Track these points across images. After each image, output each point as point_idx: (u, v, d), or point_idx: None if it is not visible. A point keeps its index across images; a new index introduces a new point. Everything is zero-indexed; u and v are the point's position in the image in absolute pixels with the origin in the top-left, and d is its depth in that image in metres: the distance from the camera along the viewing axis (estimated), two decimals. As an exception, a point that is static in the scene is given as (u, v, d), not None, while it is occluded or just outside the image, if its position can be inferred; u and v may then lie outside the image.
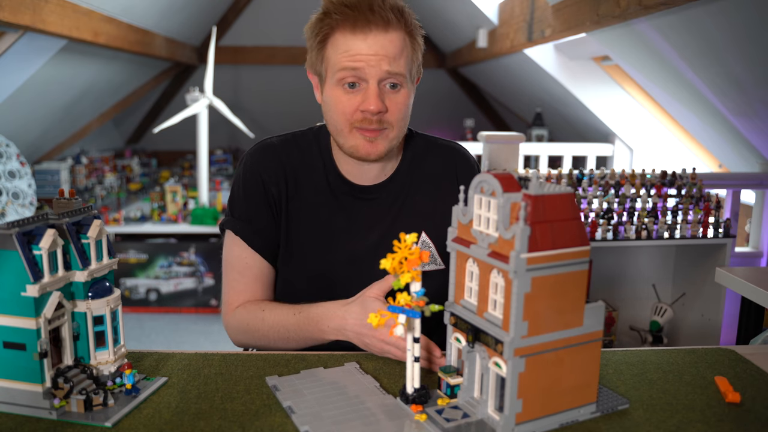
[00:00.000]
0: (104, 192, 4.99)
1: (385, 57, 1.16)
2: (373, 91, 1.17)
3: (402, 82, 1.20)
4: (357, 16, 1.15)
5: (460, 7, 4.27)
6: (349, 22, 1.16)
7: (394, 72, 1.17)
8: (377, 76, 1.17)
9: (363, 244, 1.29)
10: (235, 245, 1.31)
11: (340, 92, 1.20)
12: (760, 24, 1.90)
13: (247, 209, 1.31)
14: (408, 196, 1.33)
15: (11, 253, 0.85)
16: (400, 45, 1.18)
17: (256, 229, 1.30)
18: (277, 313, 1.24)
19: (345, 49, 1.17)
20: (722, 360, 1.12)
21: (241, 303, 1.31)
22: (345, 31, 1.17)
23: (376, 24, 1.15)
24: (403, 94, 1.21)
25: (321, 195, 1.31)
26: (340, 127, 1.22)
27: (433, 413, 0.89)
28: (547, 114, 4.97)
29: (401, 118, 1.23)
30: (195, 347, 3.63)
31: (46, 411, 0.88)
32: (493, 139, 2.45)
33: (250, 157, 1.33)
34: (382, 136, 1.22)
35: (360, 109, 1.19)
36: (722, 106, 2.55)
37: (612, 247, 2.38)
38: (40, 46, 3.11)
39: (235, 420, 0.89)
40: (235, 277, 1.32)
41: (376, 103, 1.17)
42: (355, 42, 1.16)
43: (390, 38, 1.17)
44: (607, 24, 2.43)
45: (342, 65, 1.17)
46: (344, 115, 1.20)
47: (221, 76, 5.62)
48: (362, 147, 1.22)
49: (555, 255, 0.82)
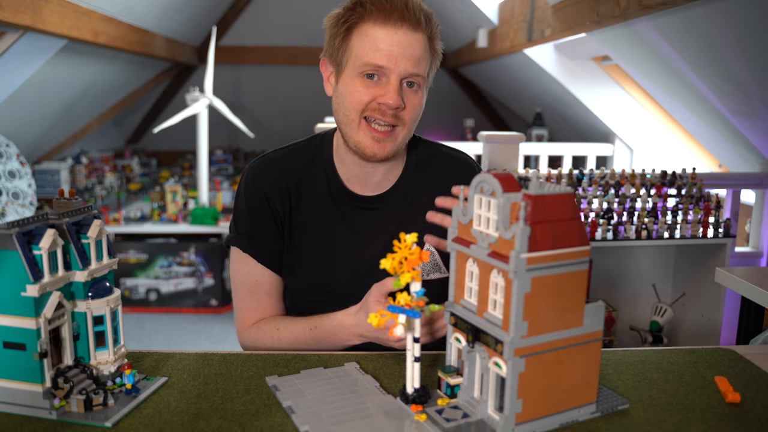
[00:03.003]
0: (104, 192, 4.99)
1: (411, 56, 1.17)
2: (394, 86, 1.18)
3: (420, 84, 1.21)
4: (392, 10, 1.16)
5: (460, 7, 4.27)
6: (383, 14, 1.17)
7: (416, 73, 1.18)
8: (400, 73, 1.18)
9: (366, 255, 1.29)
10: (243, 262, 1.31)
11: (358, 81, 1.20)
12: (760, 24, 1.90)
13: (252, 224, 1.30)
14: (411, 206, 1.32)
15: (11, 253, 0.85)
16: (423, 48, 1.20)
17: (262, 243, 1.30)
18: (292, 331, 1.25)
19: (373, 40, 1.17)
20: (722, 360, 1.12)
21: (254, 320, 1.31)
22: (377, 22, 1.17)
23: (408, 21, 1.17)
24: (419, 96, 1.22)
25: (324, 206, 1.31)
26: (351, 116, 1.21)
27: (433, 413, 0.89)
28: (547, 114, 4.97)
29: (414, 119, 1.23)
30: (195, 347, 3.63)
31: (46, 411, 0.88)
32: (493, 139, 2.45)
33: (251, 173, 1.32)
34: (392, 137, 1.22)
35: (378, 101, 1.19)
36: (722, 106, 2.55)
37: (612, 247, 2.38)
38: (40, 46, 3.11)
39: (235, 420, 0.89)
40: (246, 294, 1.32)
41: (395, 98, 1.17)
42: (385, 33, 1.17)
43: (417, 38, 1.18)
44: (607, 24, 2.43)
45: (368, 57, 1.17)
46: (358, 104, 1.20)
47: (221, 76, 5.62)
48: (369, 146, 1.22)
49: (555, 255, 0.82)
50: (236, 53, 6.13)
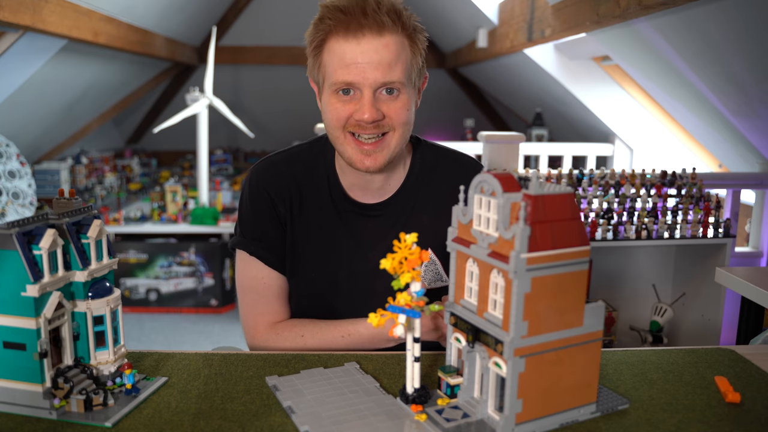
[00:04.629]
0: (104, 192, 4.99)
1: (379, 64, 1.13)
2: (367, 100, 1.15)
3: (400, 88, 1.17)
4: (350, 20, 1.12)
5: (460, 7, 4.27)
6: (342, 27, 1.13)
7: (389, 81, 1.15)
8: (372, 85, 1.14)
9: (366, 262, 1.27)
10: (250, 266, 1.30)
11: (334, 99, 1.18)
12: (760, 24, 1.90)
13: (259, 227, 1.30)
14: (413, 213, 1.31)
15: (11, 253, 0.85)
16: (396, 49, 1.15)
17: (269, 246, 1.29)
18: (320, 338, 1.24)
19: (339, 55, 1.14)
20: (722, 360, 1.12)
21: (266, 324, 1.29)
22: (339, 36, 1.14)
23: (369, 28, 1.12)
24: (402, 100, 1.18)
25: (325, 212, 1.30)
26: (336, 134, 1.21)
27: (433, 413, 0.89)
28: (547, 114, 4.97)
29: (404, 122, 1.19)
30: (195, 347, 3.62)
31: (46, 411, 0.88)
32: (493, 139, 2.44)
33: (255, 176, 1.31)
34: (382, 146, 1.19)
35: (355, 117, 1.17)
36: (722, 106, 2.55)
37: (612, 247, 2.38)
38: (40, 46, 3.11)
39: (235, 420, 0.89)
40: (255, 298, 1.30)
41: (370, 112, 1.15)
42: (348, 47, 1.13)
43: (384, 42, 1.13)
44: (607, 24, 2.43)
45: (336, 75, 1.15)
46: (338, 121, 1.18)
47: (221, 76, 5.62)
48: (358, 160, 1.20)
49: (555, 255, 0.82)
50: (236, 53, 6.13)
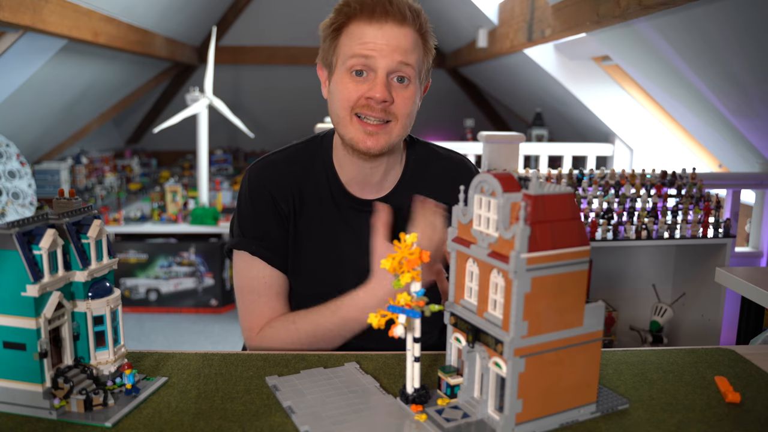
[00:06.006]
0: (104, 192, 4.99)
1: (397, 47, 1.18)
2: (381, 80, 1.19)
3: (410, 77, 1.21)
4: (375, 7, 1.18)
5: (460, 7, 4.27)
6: (367, 11, 1.18)
7: (405, 62, 1.19)
8: (387, 66, 1.18)
9: (367, 258, 1.27)
10: (251, 266, 1.29)
11: (347, 79, 1.21)
12: (760, 24, 1.90)
13: (261, 227, 1.29)
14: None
15: (11, 253, 0.85)
16: (412, 41, 1.20)
17: (270, 245, 1.29)
18: (310, 320, 1.23)
19: (359, 37, 1.19)
20: (722, 360, 1.12)
21: (263, 323, 1.29)
22: (362, 20, 1.19)
23: (393, 16, 1.18)
24: (411, 90, 1.22)
25: (326, 208, 1.31)
26: (342, 114, 1.22)
27: (433, 413, 0.89)
28: (547, 114, 4.97)
29: (407, 113, 1.23)
30: (195, 347, 3.63)
31: (46, 411, 0.88)
32: (493, 139, 2.44)
33: (254, 175, 1.31)
34: (385, 131, 1.22)
35: (365, 95, 1.19)
36: (722, 106, 2.55)
37: (612, 247, 2.38)
38: (40, 46, 3.11)
39: (235, 420, 0.89)
40: (254, 298, 1.29)
41: (382, 92, 1.18)
42: (370, 30, 1.18)
43: (404, 32, 1.19)
44: (607, 24, 2.43)
45: (353, 52, 1.19)
46: (348, 101, 1.21)
47: (221, 76, 5.62)
48: (361, 139, 1.22)
49: (555, 255, 0.82)
50: (236, 53, 6.13)
